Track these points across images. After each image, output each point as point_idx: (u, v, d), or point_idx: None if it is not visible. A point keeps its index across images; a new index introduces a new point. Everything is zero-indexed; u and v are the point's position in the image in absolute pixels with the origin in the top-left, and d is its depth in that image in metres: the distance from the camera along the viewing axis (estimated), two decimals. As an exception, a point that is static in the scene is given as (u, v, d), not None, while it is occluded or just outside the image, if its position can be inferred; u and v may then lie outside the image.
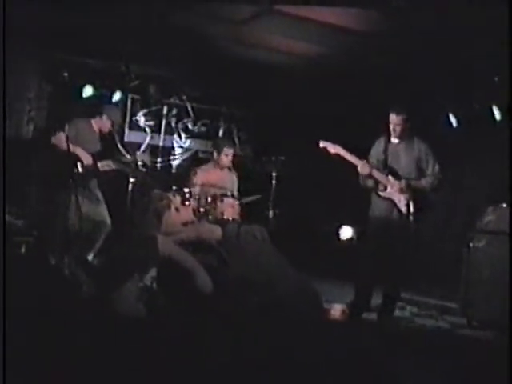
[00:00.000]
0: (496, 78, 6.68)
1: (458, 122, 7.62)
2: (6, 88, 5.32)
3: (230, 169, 7.56)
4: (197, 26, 6.83)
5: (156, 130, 8.71)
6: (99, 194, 6.92)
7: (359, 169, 5.95)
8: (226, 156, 7.38)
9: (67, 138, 6.30)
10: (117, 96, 7.99)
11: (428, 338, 5.74)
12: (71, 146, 6.29)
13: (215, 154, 7.44)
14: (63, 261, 5.91)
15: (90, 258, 6.79)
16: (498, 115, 7.09)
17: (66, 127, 6.48)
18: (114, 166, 6.86)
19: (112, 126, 7.07)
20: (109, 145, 7.31)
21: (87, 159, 6.64)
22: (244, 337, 4.56)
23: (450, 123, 7.64)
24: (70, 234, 6.19)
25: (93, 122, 6.96)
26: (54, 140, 6.59)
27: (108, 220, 6.86)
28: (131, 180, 7.02)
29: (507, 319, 5.28)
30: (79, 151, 6.57)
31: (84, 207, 6.20)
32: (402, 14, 5.86)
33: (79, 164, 6.55)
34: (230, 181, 7.47)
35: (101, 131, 7.01)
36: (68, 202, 6.27)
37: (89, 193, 6.68)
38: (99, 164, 6.76)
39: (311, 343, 4.66)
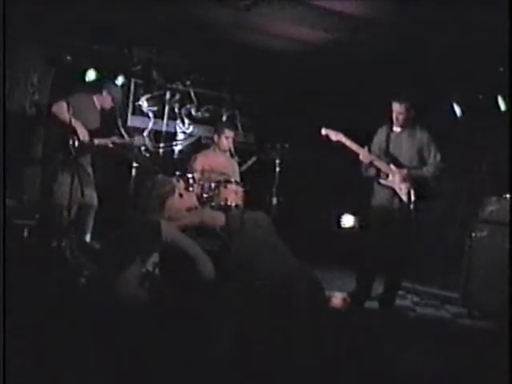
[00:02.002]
0: (501, 69, 6.65)
1: (463, 111, 7.59)
2: (9, 71, 5.31)
3: (232, 155, 7.54)
4: (200, 12, 6.80)
5: (159, 115, 8.69)
6: (91, 173, 6.89)
7: (361, 157, 5.95)
8: (227, 139, 7.38)
9: (68, 106, 6.28)
10: (120, 80, 7.95)
11: (428, 327, 5.75)
12: (71, 118, 6.26)
13: (215, 138, 7.44)
14: (65, 244, 5.92)
15: (87, 239, 6.79)
16: (502, 105, 7.07)
17: (68, 98, 6.47)
18: (118, 141, 6.85)
19: (113, 101, 7.05)
20: (110, 125, 7.29)
21: (84, 135, 6.59)
22: (245, 323, 4.58)
23: (455, 113, 7.61)
24: (69, 216, 6.19)
25: (95, 98, 6.95)
26: (54, 108, 6.56)
27: (95, 201, 6.85)
28: (134, 164, 7.01)
29: (508, 310, 5.29)
30: (78, 125, 6.52)
31: (79, 187, 6.19)
32: (406, 1, 5.85)
33: (76, 139, 6.50)
34: (231, 166, 7.46)
35: (102, 108, 7.00)
36: (64, 182, 6.27)
37: (82, 171, 6.61)
38: (101, 141, 6.74)
39: (312, 331, 4.67)
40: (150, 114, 8.62)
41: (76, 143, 6.42)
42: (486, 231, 6.19)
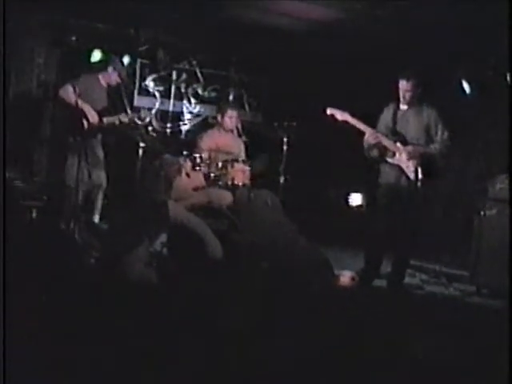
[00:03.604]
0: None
1: (471, 88, 7.52)
2: (15, 52, 5.27)
3: (240, 135, 7.52)
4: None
5: (165, 95, 8.65)
6: (101, 154, 6.89)
7: (367, 135, 5.90)
8: (230, 118, 7.35)
9: (74, 90, 6.27)
10: (126, 60, 7.91)
11: (437, 305, 5.75)
12: (78, 100, 6.25)
13: (219, 118, 7.42)
14: (73, 225, 5.94)
15: (96, 220, 6.81)
16: (512, 82, 6.99)
17: (74, 81, 6.46)
18: (125, 120, 6.83)
19: (120, 77, 7.02)
20: (117, 103, 7.28)
21: (93, 116, 6.59)
22: (253, 302, 4.58)
23: (464, 90, 7.54)
24: (77, 198, 6.21)
25: (100, 76, 6.94)
26: (61, 92, 6.55)
27: (104, 182, 6.87)
28: (141, 145, 7.00)
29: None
30: (85, 107, 6.51)
31: (86, 168, 6.21)
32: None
33: (84, 121, 6.49)
34: (237, 145, 7.43)
35: (109, 85, 6.98)
36: (74, 163, 6.27)
37: (91, 153, 6.62)
38: (109, 119, 6.73)
39: (321, 309, 4.68)
40: (157, 94, 8.58)
41: (85, 125, 6.44)
42: (495, 209, 6.16)
